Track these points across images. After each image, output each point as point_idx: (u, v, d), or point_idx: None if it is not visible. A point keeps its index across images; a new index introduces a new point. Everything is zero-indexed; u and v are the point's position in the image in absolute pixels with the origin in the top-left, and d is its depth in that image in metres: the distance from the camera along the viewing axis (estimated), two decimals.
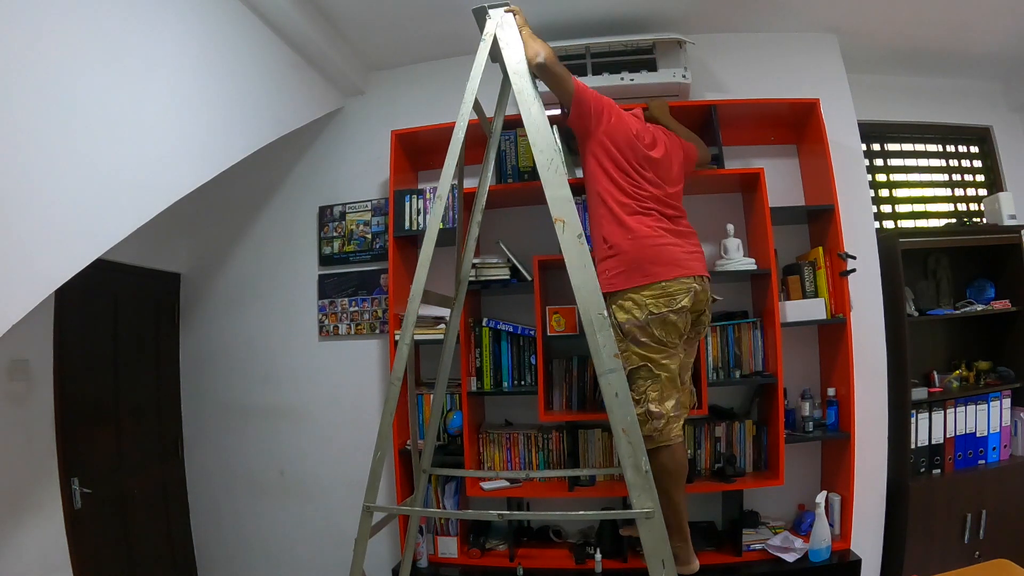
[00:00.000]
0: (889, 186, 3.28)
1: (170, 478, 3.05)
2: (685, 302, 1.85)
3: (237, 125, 2.28)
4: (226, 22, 2.21)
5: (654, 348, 1.85)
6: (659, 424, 1.83)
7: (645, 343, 1.85)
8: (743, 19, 2.78)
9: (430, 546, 2.58)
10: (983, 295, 2.85)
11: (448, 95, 2.38)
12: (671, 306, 1.83)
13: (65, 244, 1.59)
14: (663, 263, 1.87)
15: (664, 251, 1.89)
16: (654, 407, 1.83)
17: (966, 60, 3.10)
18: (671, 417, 1.85)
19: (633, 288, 1.86)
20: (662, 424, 1.83)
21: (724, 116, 2.59)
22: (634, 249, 1.89)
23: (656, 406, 1.83)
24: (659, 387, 1.85)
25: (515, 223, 2.76)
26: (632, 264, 1.88)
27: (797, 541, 2.37)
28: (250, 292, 3.13)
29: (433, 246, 1.74)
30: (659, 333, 1.84)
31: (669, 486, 1.85)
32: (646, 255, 1.88)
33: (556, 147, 1.70)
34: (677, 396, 1.88)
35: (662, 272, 1.85)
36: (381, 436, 1.68)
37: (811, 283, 2.55)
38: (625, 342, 1.85)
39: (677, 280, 1.86)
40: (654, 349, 1.85)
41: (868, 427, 2.49)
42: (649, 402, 1.84)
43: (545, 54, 1.83)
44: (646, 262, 1.87)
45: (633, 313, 1.85)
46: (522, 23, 1.86)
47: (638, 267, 1.87)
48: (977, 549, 2.53)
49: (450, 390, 2.56)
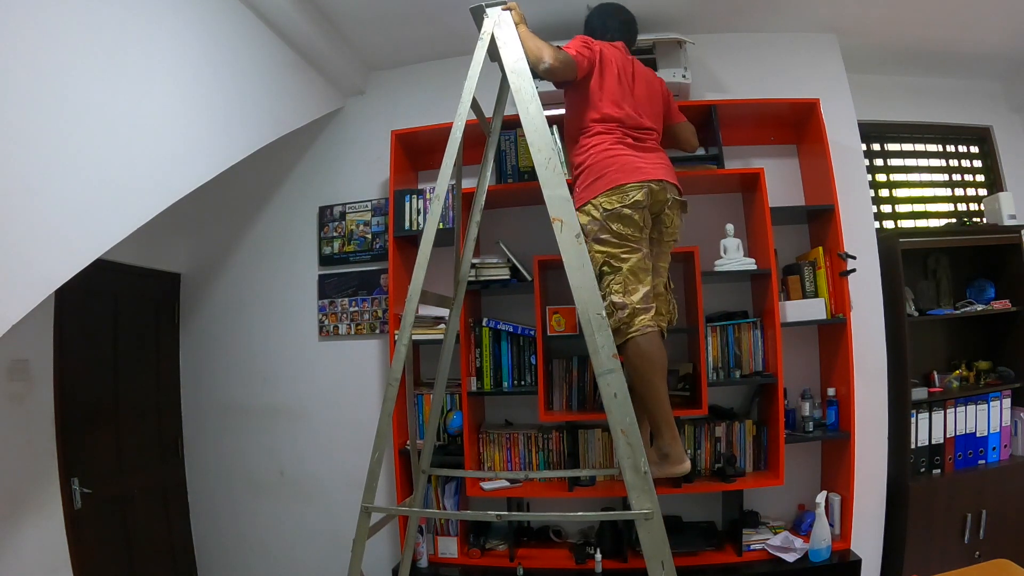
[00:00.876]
0: (889, 186, 3.28)
1: (170, 478, 3.05)
2: (638, 197, 1.93)
3: (237, 125, 2.29)
4: (226, 22, 2.21)
5: (614, 244, 1.93)
6: (623, 315, 1.88)
7: (605, 239, 1.93)
8: (743, 19, 2.78)
9: (430, 546, 2.57)
10: (983, 295, 2.85)
11: (448, 95, 2.38)
12: (624, 201, 1.92)
13: (65, 244, 1.59)
14: (621, 171, 1.96)
15: (620, 159, 1.98)
16: (616, 298, 1.89)
17: (966, 60, 3.10)
18: (637, 308, 1.89)
19: (595, 196, 1.96)
20: (626, 314, 1.88)
21: (724, 116, 2.59)
22: (595, 163, 2.00)
23: (619, 297, 1.89)
24: (622, 279, 1.91)
25: (515, 223, 2.76)
26: (593, 176, 1.98)
27: (797, 541, 2.37)
28: (250, 292, 3.14)
29: (431, 246, 1.73)
30: (616, 227, 1.92)
31: (649, 373, 1.88)
32: (605, 165, 1.97)
33: (554, 147, 1.70)
34: (644, 290, 1.92)
35: (620, 177, 1.95)
36: (379, 436, 1.68)
37: (811, 283, 2.55)
38: (588, 243, 1.91)
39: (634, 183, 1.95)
40: (614, 244, 1.93)
41: (868, 427, 2.49)
42: (612, 294, 1.90)
43: (549, 57, 1.85)
44: (606, 172, 1.97)
45: (592, 214, 1.95)
46: (519, 19, 1.86)
47: (599, 177, 1.97)
48: (977, 549, 2.53)
49: (450, 390, 2.56)
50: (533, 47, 1.84)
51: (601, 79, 2.05)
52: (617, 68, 2.08)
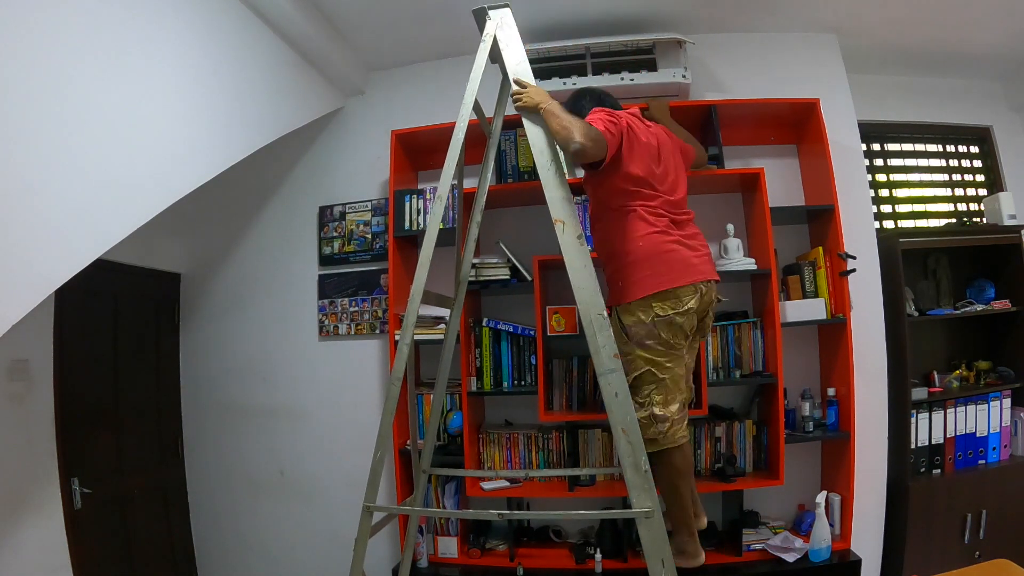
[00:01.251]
0: (889, 186, 3.28)
1: (170, 478, 3.05)
2: (692, 304, 1.83)
3: (237, 125, 2.28)
4: (226, 22, 2.21)
5: (659, 351, 1.82)
6: (663, 427, 1.81)
7: (650, 346, 1.82)
8: (743, 19, 2.78)
9: (430, 546, 2.57)
10: (983, 295, 2.85)
11: (448, 95, 2.38)
12: (677, 308, 1.81)
13: (65, 244, 1.59)
14: (674, 270, 1.83)
15: (674, 256, 1.85)
16: (659, 410, 1.82)
17: (966, 60, 3.10)
18: (675, 420, 1.83)
19: (644, 296, 1.82)
20: (667, 427, 1.82)
21: (724, 116, 2.59)
22: (643, 256, 1.85)
23: (661, 409, 1.82)
24: (663, 390, 1.83)
25: (515, 223, 2.76)
26: (642, 270, 1.84)
27: (797, 541, 2.37)
28: (250, 292, 3.13)
29: (433, 246, 1.73)
30: (665, 335, 1.81)
31: (679, 483, 1.86)
32: (656, 260, 1.84)
33: (556, 147, 1.70)
34: (682, 398, 1.87)
35: (673, 279, 1.82)
36: (381, 436, 1.68)
37: (811, 283, 2.55)
38: (630, 345, 1.83)
39: (687, 286, 1.83)
40: (659, 352, 1.82)
41: (868, 427, 2.49)
42: (654, 405, 1.82)
43: (579, 136, 1.66)
44: (657, 268, 1.83)
45: (639, 316, 1.82)
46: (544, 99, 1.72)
47: (650, 274, 1.83)
48: (977, 549, 2.53)
49: (450, 390, 2.56)
50: (560, 126, 1.67)
51: (632, 152, 1.87)
52: (645, 138, 1.94)
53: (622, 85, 2.61)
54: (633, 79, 2.61)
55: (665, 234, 1.87)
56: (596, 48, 2.63)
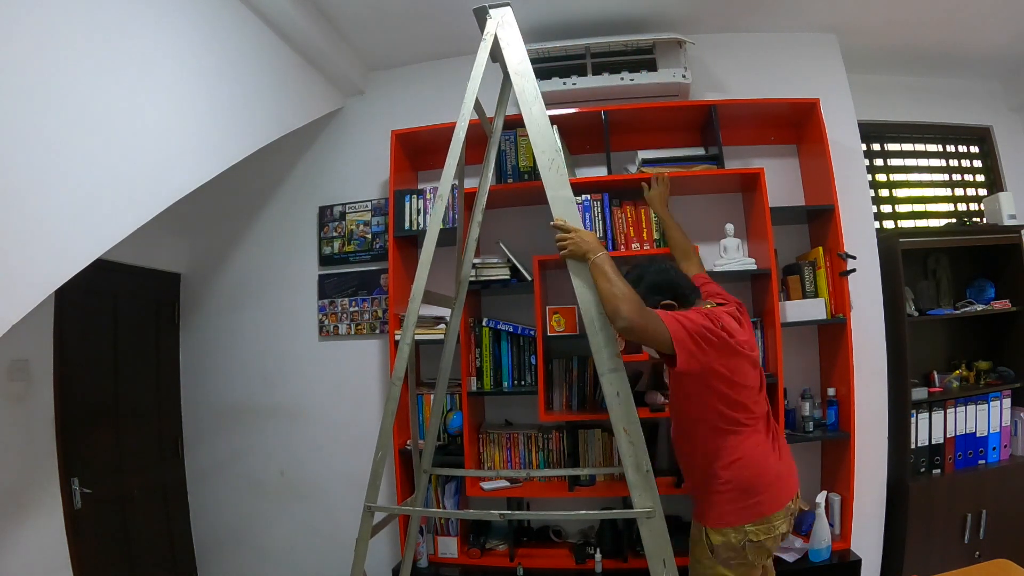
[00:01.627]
0: (889, 186, 3.28)
1: (170, 478, 3.05)
2: (784, 528, 1.71)
3: (237, 125, 2.28)
4: (226, 22, 2.21)
5: (742, 571, 1.72)
6: None
7: (736, 565, 1.70)
8: (743, 19, 2.78)
9: (430, 546, 2.57)
10: (983, 295, 2.85)
11: (448, 95, 2.38)
12: (770, 533, 1.69)
13: (65, 244, 1.59)
14: (769, 490, 1.71)
15: (769, 473, 1.72)
16: None
17: (966, 60, 3.10)
18: None
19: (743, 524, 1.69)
20: None
21: (724, 116, 2.58)
22: (744, 487, 1.69)
23: None
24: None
25: (515, 223, 2.76)
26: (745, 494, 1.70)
27: (797, 541, 2.37)
28: (250, 292, 3.13)
29: (434, 246, 1.73)
30: (752, 557, 1.71)
31: None
32: (754, 491, 1.70)
33: (557, 147, 1.70)
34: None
35: (771, 505, 1.70)
36: (382, 436, 1.68)
37: (811, 283, 2.55)
38: (713, 561, 1.72)
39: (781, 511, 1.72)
40: (741, 572, 1.72)
41: (868, 427, 2.49)
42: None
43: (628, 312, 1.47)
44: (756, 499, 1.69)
45: (731, 539, 1.69)
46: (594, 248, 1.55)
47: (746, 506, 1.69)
48: (977, 549, 2.53)
49: (450, 390, 2.56)
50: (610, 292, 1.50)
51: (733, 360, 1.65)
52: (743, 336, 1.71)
53: (622, 85, 2.61)
54: (633, 79, 2.62)
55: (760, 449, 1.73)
56: (596, 48, 2.64)
